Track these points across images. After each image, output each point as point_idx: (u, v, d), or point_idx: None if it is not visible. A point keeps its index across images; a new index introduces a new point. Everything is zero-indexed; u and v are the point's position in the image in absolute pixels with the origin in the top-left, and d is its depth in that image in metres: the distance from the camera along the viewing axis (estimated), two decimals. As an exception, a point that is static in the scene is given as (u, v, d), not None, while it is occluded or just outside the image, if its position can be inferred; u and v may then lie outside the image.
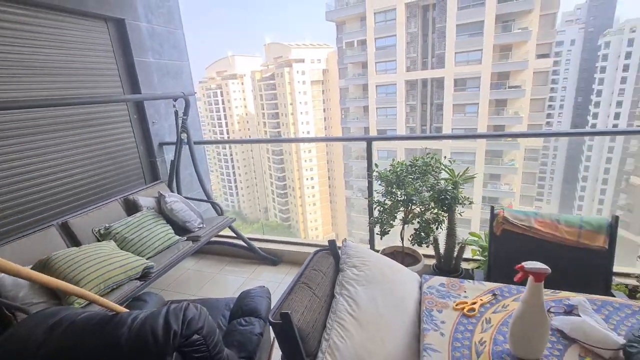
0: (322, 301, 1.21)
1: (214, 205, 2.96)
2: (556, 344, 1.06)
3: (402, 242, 2.51)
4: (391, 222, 2.46)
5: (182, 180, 3.23)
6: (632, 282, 2.07)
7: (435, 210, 2.43)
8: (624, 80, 34.62)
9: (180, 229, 2.38)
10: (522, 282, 1.03)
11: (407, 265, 2.48)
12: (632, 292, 1.99)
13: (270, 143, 39.84)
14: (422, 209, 2.42)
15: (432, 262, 2.56)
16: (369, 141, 2.76)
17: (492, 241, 1.71)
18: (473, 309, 1.24)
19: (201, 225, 2.47)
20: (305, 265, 1.34)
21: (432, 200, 2.38)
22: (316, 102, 41.63)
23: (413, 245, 2.38)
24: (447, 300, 1.31)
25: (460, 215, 2.35)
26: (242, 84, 49.86)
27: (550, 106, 44.03)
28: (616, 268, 2.26)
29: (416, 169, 2.44)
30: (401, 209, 2.41)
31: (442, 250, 2.46)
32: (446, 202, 2.25)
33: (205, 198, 3.06)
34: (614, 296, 1.39)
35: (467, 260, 2.59)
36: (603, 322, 1.11)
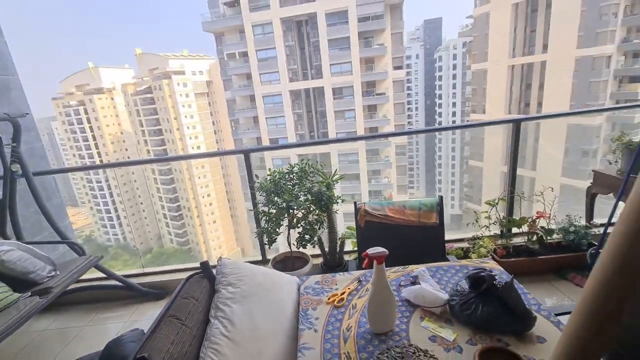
0: (193, 330, 1.13)
1: (72, 245, 2.47)
2: (405, 312, 1.23)
3: (290, 247, 2.56)
4: (277, 230, 2.50)
5: (27, 221, 2.61)
6: (465, 245, 2.58)
7: (317, 212, 2.57)
8: (454, 85, 44.13)
9: (22, 282, 1.90)
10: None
11: (297, 268, 2.56)
12: (465, 253, 2.49)
13: (135, 165, 35.78)
14: (305, 213, 2.52)
15: (320, 260, 2.69)
16: (246, 153, 2.74)
17: (358, 232, 1.89)
18: (342, 299, 1.34)
19: (52, 274, 2.01)
20: (174, 295, 1.23)
21: (312, 203, 2.51)
22: (203, 115, 39.38)
23: (298, 248, 2.45)
24: (321, 296, 1.39)
25: (337, 212, 2.54)
26: (112, 98, 43.43)
27: (409, 109, 52.27)
28: (455, 235, 2.80)
29: (294, 175, 2.53)
30: (285, 215, 2.46)
31: (327, 248, 2.61)
32: (322, 202, 2.40)
33: (59, 239, 2.53)
34: (448, 260, 1.70)
35: (348, 252, 2.80)
36: (436, 284, 1.35)
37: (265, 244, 2.58)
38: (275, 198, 2.31)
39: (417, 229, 1.82)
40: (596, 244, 2.28)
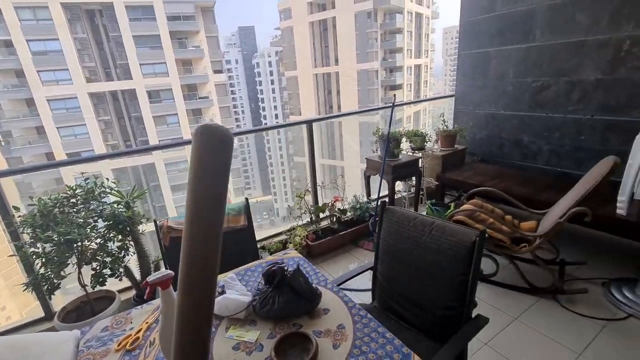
0: None
1: None
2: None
3: (85, 290, 2.02)
4: (62, 272, 1.92)
5: None
6: (284, 237, 2.75)
7: (120, 237, 2.13)
8: (273, 90, 47.74)
9: None
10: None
11: (99, 312, 2.05)
12: (284, 245, 2.66)
13: None
14: (102, 242, 2.04)
15: (133, 292, 2.27)
16: (-6, 178, 1.96)
17: (164, 253, 1.67)
18: (138, 338, 1.13)
19: None
20: None
21: (110, 228, 2.06)
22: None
23: (94, 288, 1.97)
24: (109, 345, 1.12)
25: (143, 234, 2.18)
26: None
27: (235, 112, 52.59)
28: (276, 230, 2.94)
29: (78, 200, 2.00)
30: (72, 251, 1.91)
31: (138, 277, 2.22)
32: (120, 226, 2.01)
33: None
34: (260, 258, 1.74)
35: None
36: (243, 288, 1.33)
37: (45, 294, 1.94)
38: (45, 234, 1.74)
39: (228, 234, 1.77)
40: (373, 214, 2.90)
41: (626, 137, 2.32)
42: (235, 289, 1.30)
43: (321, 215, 2.97)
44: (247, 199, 1.81)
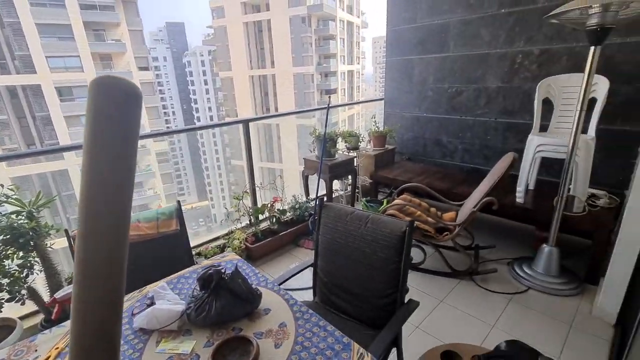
0: None
1: None
2: (138, 344, 1.03)
3: (-29, 319, 1.67)
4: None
5: None
6: (222, 241, 2.62)
7: (21, 254, 1.81)
8: (207, 91, 45.22)
9: None
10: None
11: (-6, 343, 1.71)
12: (222, 249, 2.53)
13: None
14: (-5, 261, 1.70)
15: (41, 317, 1.94)
16: None
17: (79, 267, 1.45)
18: (45, 367, 0.96)
19: None
20: None
21: (6, 244, 1.73)
22: None
23: (-15, 316, 1.63)
24: (4, 379, 0.93)
25: (52, 248, 1.88)
26: None
27: (165, 113, 48.61)
28: (215, 234, 2.78)
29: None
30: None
31: (46, 298, 1.90)
32: (21, 239, 1.70)
33: None
34: (195, 264, 1.62)
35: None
36: (176, 297, 1.23)
37: None
38: None
39: (158, 241, 1.62)
40: (313, 213, 2.93)
41: (521, 137, 2.73)
42: (167, 299, 1.19)
43: (260, 217, 2.90)
44: (179, 202, 1.68)
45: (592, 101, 2.08)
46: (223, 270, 1.12)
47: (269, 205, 2.77)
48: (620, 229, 1.72)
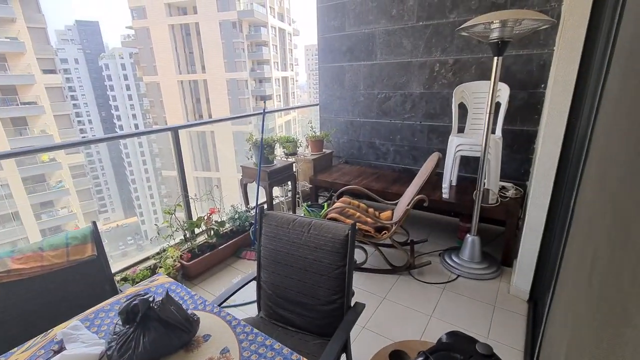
0: None
1: None
2: (40, 404, 0.83)
3: None
4: None
5: None
6: (153, 262, 2.35)
7: None
8: (130, 97, 40.89)
9: None
10: None
11: None
12: (154, 270, 2.26)
13: None
14: None
15: None
16: None
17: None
18: None
19: None
20: None
21: None
22: None
23: None
24: None
25: None
26: None
27: (80, 122, 42.72)
28: (143, 255, 2.48)
29: None
30: None
31: None
32: None
33: None
34: (118, 293, 1.40)
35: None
36: (94, 336, 1.04)
37: None
38: None
39: (69, 271, 1.36)
40: (253, 222, 2.81)
41: (443, 138, 2.99)
42: (81, 340, 1.00)
43: (197, 230, 2.67)
44: (94, 222, 1.44)
45: (498, 105, 2.36)
46: (151, 298, 0.97)
47: (205, 217, 2.57)
48: (526, 216, 1.97)
